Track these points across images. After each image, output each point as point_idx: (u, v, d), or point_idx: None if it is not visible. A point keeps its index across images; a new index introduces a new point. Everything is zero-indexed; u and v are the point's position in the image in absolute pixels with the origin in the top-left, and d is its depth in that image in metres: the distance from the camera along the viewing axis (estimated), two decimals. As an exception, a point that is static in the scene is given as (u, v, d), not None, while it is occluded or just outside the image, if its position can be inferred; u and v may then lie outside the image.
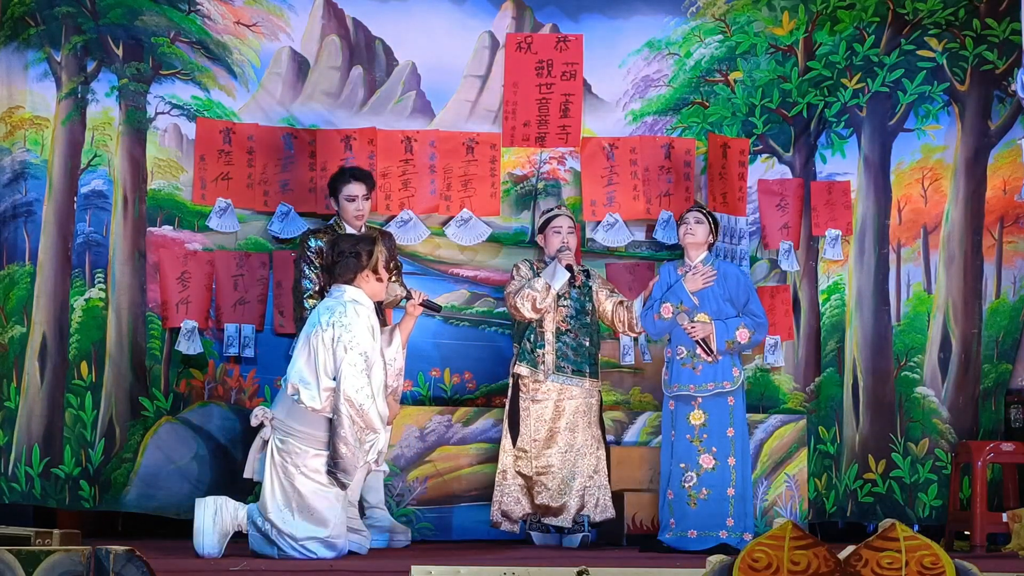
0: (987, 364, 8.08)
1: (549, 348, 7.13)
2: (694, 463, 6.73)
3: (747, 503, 6.74)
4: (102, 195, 7.47)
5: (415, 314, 6.50)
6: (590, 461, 7.14)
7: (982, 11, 8.09)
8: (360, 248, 6.12)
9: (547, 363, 7.12)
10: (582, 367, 7.16)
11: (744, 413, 6.86)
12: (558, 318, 7.16)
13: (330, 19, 7.93)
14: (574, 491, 7.09)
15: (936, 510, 7.94)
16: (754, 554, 2.77)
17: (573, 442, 7.12)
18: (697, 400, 6.77)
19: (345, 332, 5.91)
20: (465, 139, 7.92)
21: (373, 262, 6.11)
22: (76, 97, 7.45)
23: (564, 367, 7.14)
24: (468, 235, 7.91)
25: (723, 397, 6.76)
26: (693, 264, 6.94)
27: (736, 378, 6.79)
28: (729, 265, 7.14)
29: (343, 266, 6.09)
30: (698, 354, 6.78)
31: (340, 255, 6.11)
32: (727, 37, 8.19)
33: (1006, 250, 8.14)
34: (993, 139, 8.16)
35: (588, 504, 7.12)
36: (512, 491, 7.14)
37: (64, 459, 7.28)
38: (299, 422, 5.95)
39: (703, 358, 6.78)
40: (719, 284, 6.85)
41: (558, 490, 7.08)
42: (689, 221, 6.96)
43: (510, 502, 7.15)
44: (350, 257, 6.09)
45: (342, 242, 6.21)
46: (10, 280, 7.32)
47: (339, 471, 5.91)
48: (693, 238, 6.93)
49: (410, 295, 6.52)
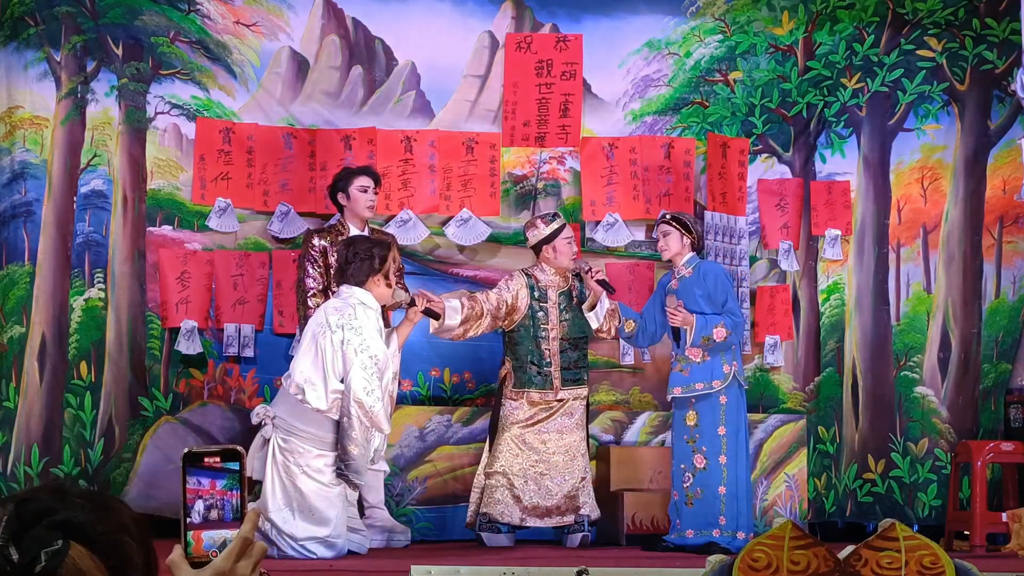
0: (987, 364, 8.08)
1: (555, 365, 7.08)
2: (690, 463, 6.74)
3: (741, 502, 6.70)
4: (102, 195, 7.47)
5: (415, 320, 6.51)
6: (581, 462, 7.11)
7: (982, 11, 8.10)
8: (375, 252, 6.14)
9: (556, 382, 7.06)
10: (580, 375, 7.15)
11: (740, 411, 6.79)
12: (560, 335, 7.10)
13: (330, 19, 7.93)
14: (568, 492, 7.04)
15: (935, 510, 7.94)
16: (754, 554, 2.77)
17: (572, 443, 7.08)
18: (691, 401, 6.78)
19: (355, 335, 5.92)
20: (465, 139, 7.92)
21: (386, 268, 6.13)
22: (76, 97, 7.45)
23: (568, 379, 7.10)
24: (468, 235, 7.91)
25: (714, 396, 6.74)
26: (677, 271, 6.92)
27: (727, 375, 6.76)
28: (711, 264, 7.09)
29: (357, 267, 6.10)
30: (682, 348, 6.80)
31: (355, 256, 6.12)
32: (727, 37, 8.19)
33: (1006, 250, 8.15)
34: (993, 139, 8.16)
35: (587, 504, 7.09)
36: (496, 494, 7.00)
37: (63, 459, 7.28)
38: (303, 422, 5.95)
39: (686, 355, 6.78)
40: (698, 284, 6.84)
41: (554, 491, 7.03)
42: (658, 236, 6.98)
43: (490, 503, 7.01)
44: (365, 260, 6.10)
45: (359, 243, 6.23)
46: (9, 280, 7.32)
47: (350, 472, 5.92)
48: (667, 251, 6.92)
49: (413, 301, 6.54)
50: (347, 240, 6.45)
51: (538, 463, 7.01)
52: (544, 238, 7.05)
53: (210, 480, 1.84)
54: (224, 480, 1.84)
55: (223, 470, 1.84)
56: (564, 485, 7.01)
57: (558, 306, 7.09)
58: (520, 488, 6.97)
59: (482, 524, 7.00)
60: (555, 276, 7.10)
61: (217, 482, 1.84)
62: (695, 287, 6.82)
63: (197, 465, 1.84)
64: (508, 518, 6.95)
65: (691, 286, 6.83)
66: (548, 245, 7.06)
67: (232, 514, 1.83)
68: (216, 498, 1.84)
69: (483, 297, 6.99)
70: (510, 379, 7.06)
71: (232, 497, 1.84)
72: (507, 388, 7.06)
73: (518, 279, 7.09)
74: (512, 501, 6.98)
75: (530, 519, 7.00)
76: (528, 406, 7.03)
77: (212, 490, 1.84)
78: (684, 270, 6.89)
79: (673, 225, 6.91)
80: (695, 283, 6.83)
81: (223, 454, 1.85)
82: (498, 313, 6.98)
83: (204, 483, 1.84)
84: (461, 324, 6.87)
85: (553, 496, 7.00)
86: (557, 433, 7.04)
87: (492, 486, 6.97)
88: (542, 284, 7.09)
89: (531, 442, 7.01)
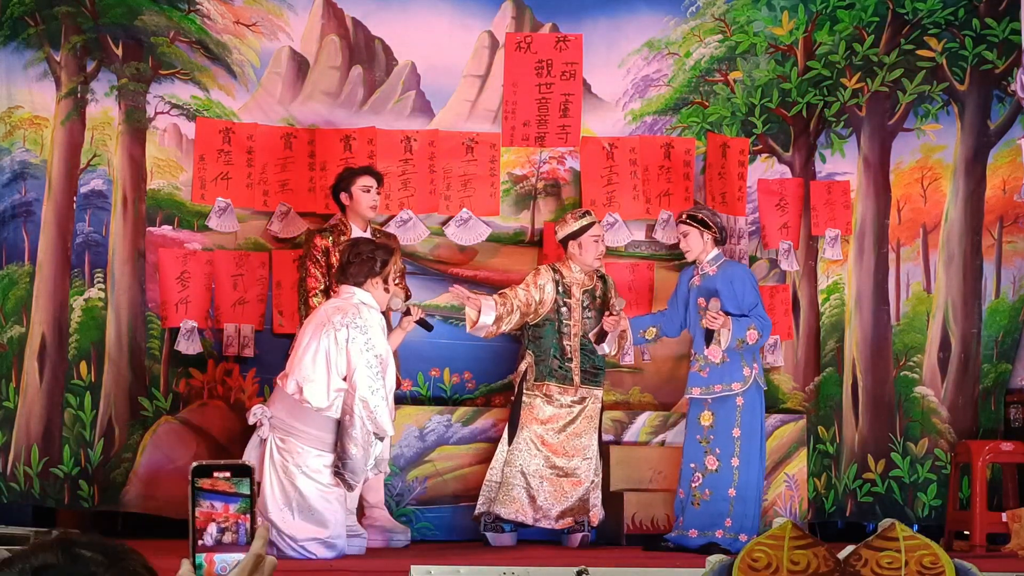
0: (986, 364, 8.07)
1: (576, 362, 7.09)
2: (701, 464, 6.72)
3: (749, 504, 6.68)
4: (101, 195, 7.46)
5: (408, 328, 6.59)
6: (595, 465, 7.12)
7: (982, 11, 8.09)
8: (378, 255, 6.16)
9: (576, 378, 7.08)
10: (598, 375, 7.17)
11: (757, 413, 6.75)
12: (581, 331, 7.10)
13: (330, 19, 7.92)
14: (582, 495, 7.05)
15: (935, 510, 7.94)
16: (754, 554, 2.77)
17: (589, 446, 7.09)
18: (707, 401, 6.76)
19: (361, 333, 5.93)
20: (464, 139, 7.92)
21: (386, 272, 6.15)
22: (75, 97, 7.44)
23: (587, 378, 7.12)
24: (467, 235, 7.91)
25: (731, 398, 6.72)
26: (701, 267, 6.90)
27: (747, 378, 6.73)
28: (736, 266, 7.05)
29: (358, 267, 6.12)
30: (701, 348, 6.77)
31: (357, 256, 6.14)
32: (727, 37, 8.19)
33: (1005, 250, 8.14)
34: (992, 139, 8.15)
35: (595, 507, 7.10)
36: (513, 492, 7.04)
37: (63, 459, 7.28)
38: (301, 422, 5.95)
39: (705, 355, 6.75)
40: (724, 285, 6.81)
41: (571, 494, 7.03)
42: (678, 239, 6.98)
43: (505, 501, 7.04)
44: (366, 262, 6.12)
45: (362, 245, 6.26)
46: (9, 280, 7.31)
47: (347, 471, 5.91)
48: (690, 252, 6.91)
49: (409, 310, 6.56)
50: (352, 241, 6.46)
51: (557, 465, 7.02)
52: (571, 233, 7.08)
53: (223, 504, 1.84)
54: (237, 504, 1.84)
55: (236, 494, 1.84)
56: (579, 488, 7.02)
57: (581, 303, 7.10)
58: (536, 488, 6.99)
59: (487, 524, 7.02)
60: (580, 274, 7.12)
61: (231, 506, 1.84)
62: (720, 287, 6.78)
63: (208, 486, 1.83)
64: (522, 517, 6.97)
65: (714, 285, 6.79)
66: (575, 241, 7.08)
67: (245, 537, 1.84)
68: (230, 522, 1.84)
69: (512, 294, 7.03)
70: (531, 373, 7.08)
71: (245, 521, 1.84)
72: (528, 382, 7.08)
73: (545, 274, 7.13)
74: (527, 500, 7.01)
75: (544, 520, 7.01)
76: (549, 405, 7.03)
77: (226, 513, 1.83)
78: (708, 267, 6.85)
79: (691, 224, 6.88)
80: (720, 283, 6.79)
81: (233, 469, 1.84)
82: (527, 309, 7.04)
83: (218, 507, 1.83)
84: (495, 322, 6.90)
85: (569, 499, 7.01)
86: (576, 436, 7.05)
87: (510, 484, 6.99)
88: (567, 280, 7.11)
89: (551, 443, 7.02)
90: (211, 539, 1.82)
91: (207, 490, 1.83)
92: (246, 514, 1.84)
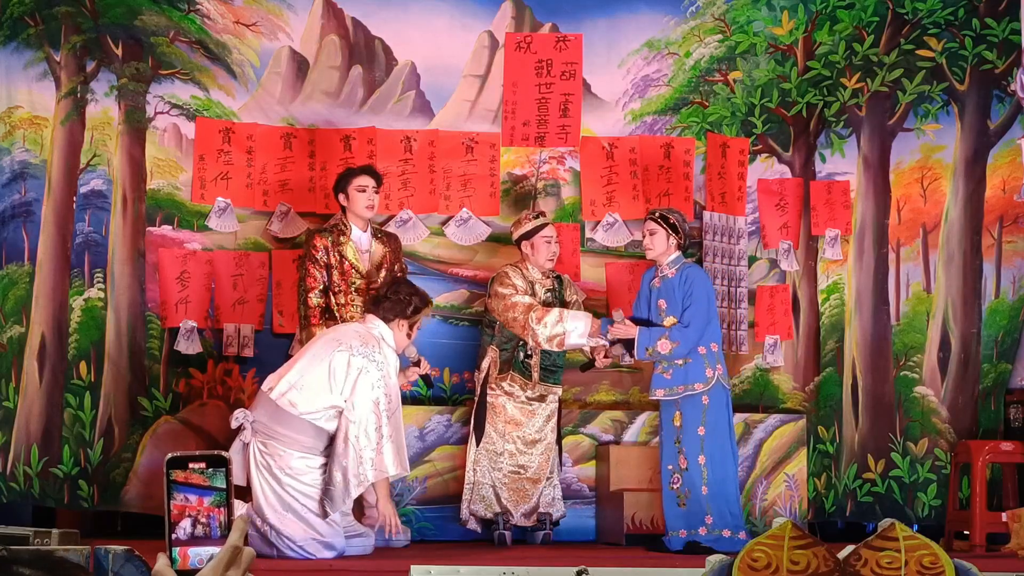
0: (986, 364, 8.07)
1: (535, 359, 7.12)
2: (676, 464, 6.74)
3: (728, 501, 6.67)
4: (101, 195, 7.46)
5: (411, 379, 6.66)
6: (554, 461, 7.20)
7: (981, 11, 8.09)
8: (414, 300, 6.26)
9: (534, 374, 7.12)
10: (557, 375, 7.21)
11: (723, 412, 6.72)
12: None
13: (330, 19, 7.92)
14: (542, 491, 7.13)
15: (935, 510, 7.94)
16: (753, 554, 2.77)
17: (548, 444, 7.16)
18: (677, 402, 6.77)
19: (376, 370, 5.96)
20: (464, 139, 7.92)
21: (415, 319, 6.25)
22: (75, 97, 7.44)
23: (545, 375, 7.16)
24: (467, 235, 7.91)
25: (696, 397, 6.73)
26: (660, 269, 6.88)
27: (710, 379, 6.73)
28: (692, 269, 6.93)
29: (391, 304, 6.22)
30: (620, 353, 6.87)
31: (396, 293, 6.25)
32: (727, 37, 8.19)
33: (1005, 250, 8.14)
34: (992, 139, 8.15)
35: (557, 501, 7.18)
36: (482, 491, 7.11)
37: (63, 458, 7.27)
38: (283, 425, 5.95)
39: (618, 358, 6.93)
40: (680, 289, 6.81)
41: (531, 491, 7.09)
42: (644, 234, 6.94)
43: (477, 500, 7.11)
44: (402, 302, 6.21)
45: (403, 285, 6.39)
46: (9, 280, 7.31)
47: (327, 498, 5.92)
48: (652, 250, 6.88)
49: (419, 362, 6.61)
50: (395, 279, 6.60)
51: (520, 464, 7.08)
52: (524, 233, 7.18)
53: (197, 497, 1.82)
54: (211, 497, 1.82)
55: (210, 487, 1.82)
56: (538, 485, 7.08)
57: (544, 302, 7.12)
58: (500, 487, 7.07)
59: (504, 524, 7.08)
60: (538, 273, 7.17)
61: (204, 499, 1.82)
62: (677, 290, 6.78)
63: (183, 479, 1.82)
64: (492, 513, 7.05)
65: (673, 288, 6.80)
66: (527, 241, 7.17)
67: (219, 531, 1.82)
68: (203, 515, 1.82)
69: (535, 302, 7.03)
70: (495, 368, 7.10)
71: (219, 514, 1.82)
72: (491, 379, 7.12)
73: (512, 273, 7.15)
74: (495, 499, 7.12)
75: (512, 518, 7.09)
76: (511, 403, 7.07)
77: (199, 506, 1.82)
78: (668, 270, 6.85)
79: (660, 224, 6.86)
80: (678, 286, 6.79)
81: (209, 460, 1.83)
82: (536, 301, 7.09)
83: (192, 499, 1.82)
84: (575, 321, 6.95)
85: (531, 498, 7.10)
86: (536, 433, 7.12)
87: (480, 483, 7.11)
88: (529, 278, 7.14)
89: (513, 442, 7.07)
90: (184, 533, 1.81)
91: (181, 483, 1.82)
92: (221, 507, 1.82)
